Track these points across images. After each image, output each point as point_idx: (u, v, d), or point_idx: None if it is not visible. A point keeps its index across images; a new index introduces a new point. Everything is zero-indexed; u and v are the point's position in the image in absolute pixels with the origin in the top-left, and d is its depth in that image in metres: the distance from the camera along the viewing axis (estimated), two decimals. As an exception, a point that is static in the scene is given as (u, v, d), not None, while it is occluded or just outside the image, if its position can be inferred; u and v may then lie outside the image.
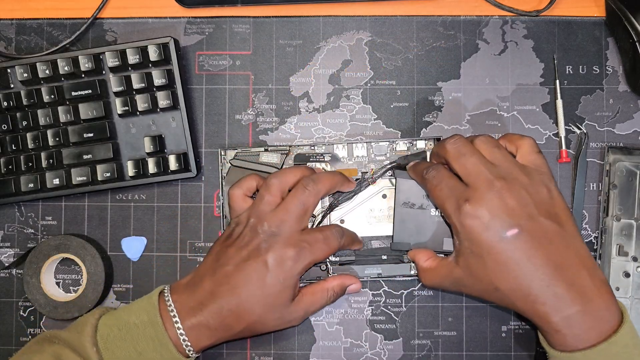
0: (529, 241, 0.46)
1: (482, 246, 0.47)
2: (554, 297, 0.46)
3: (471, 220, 0.47)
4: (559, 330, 0.46)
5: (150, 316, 0.50)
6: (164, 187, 0.62)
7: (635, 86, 0.61)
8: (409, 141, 0.60)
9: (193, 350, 0.51)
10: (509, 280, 0.47)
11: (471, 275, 0.49)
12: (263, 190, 0.54)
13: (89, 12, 0.63)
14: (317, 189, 0.53)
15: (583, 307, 0.46)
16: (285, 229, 0.52)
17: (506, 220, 0.46)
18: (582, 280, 0.46)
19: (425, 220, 0.56)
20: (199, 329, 0.50)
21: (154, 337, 0.50)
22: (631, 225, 0.59)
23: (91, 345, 0.49)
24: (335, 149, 0.60)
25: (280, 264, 0.51)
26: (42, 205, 0.62)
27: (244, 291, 0.51)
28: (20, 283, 0.62)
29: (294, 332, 0.61)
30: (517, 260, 0.46)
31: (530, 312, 0.47)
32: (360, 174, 0.60)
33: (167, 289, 0.53)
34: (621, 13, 0.59)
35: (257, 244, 0.51)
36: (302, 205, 0.53)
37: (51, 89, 0.60)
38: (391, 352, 0.61)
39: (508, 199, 0.47)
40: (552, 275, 0.46)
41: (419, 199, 0.56)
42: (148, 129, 0.61)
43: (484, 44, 0.63)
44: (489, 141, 0.51)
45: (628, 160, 0.60)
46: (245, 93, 0.63)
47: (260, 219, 0.52)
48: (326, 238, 0.53)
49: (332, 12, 0.63)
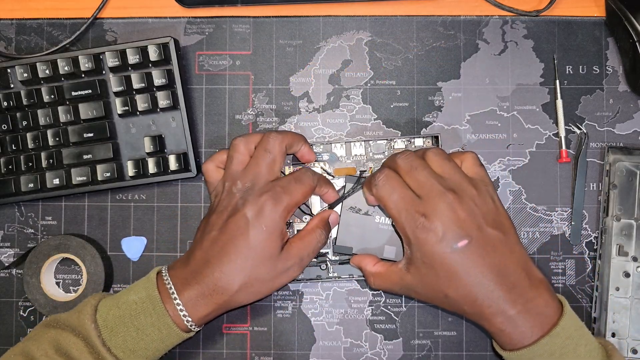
0: (476, 251, 0.49)
1: (434, 258, 0.49)
2: (497, 300, 0.49)
3: (425, 234, 0.49)
4: (504, 330, 0.49)
5: (149, 291, 0.51)
6: (164, 187, 0.62)
7: (635, 86, 0.61)
8: (407, 139, 0.60)
9: (192, 322, 0.51)
10: (459, 288, 0.49)
11: (422, 283, 0.51)
12: (231, 151, 0.55)
13: (89, 12, 0.63)
14: (280, 137, 0.54)
15: (524, 307, 0.49)
16: (258, 181, 0.53)
17: (457, 232, 0.49)
18: (522, 282, 0.50)
19: (369, 226, 0.57)
20: (196, 299, 0.51)
21: (151, 311, 0.50)
22: (631, 225, 0.59)
23: (90, 322, 0.49)
24: (334, 148, 0.60)
25: (259, 213, 0.52)
26: (42, 205, 0.63)
27: (231, 249, 0.51)
28: (20, 283, 0.62)
29: (294, 332, 0.61)
30: (466, 269, 0.49)
31: (477, 315, 0.50)
32: (358, 173, 0.60)
33: (164, 267, 0.53)
34: (621, 13, 0.59)
35: (234, 204, 0.53)
36: (270, 154, 0.54)
37: (51, 89, 0.60)
38: (391, 352, 0.61)
39: (459, 210, 0.49)
40: (495, 280, 0.49)
41: (365, 206, 0.57)
42: (148, 129, 0.61)
43: (484, 44, 0.63)
44: (439, 154, 0.52)
45: (628, 160, 0.60)
46: (245, 93, 0.63)
47: (234, 180, 0.54)
48: (297, 178, 0.54)
49: (332, 12, 0.63)
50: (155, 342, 0.51)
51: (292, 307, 0.61)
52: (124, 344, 0.50)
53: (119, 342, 0.50)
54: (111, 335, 0.50)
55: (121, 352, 0.50)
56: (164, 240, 0.62)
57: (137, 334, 0.50)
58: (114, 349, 0.49)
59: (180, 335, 0.51)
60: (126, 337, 0.50)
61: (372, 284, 0.55)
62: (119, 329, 0.50)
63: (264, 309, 0.61)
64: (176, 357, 0.61)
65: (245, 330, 0.61)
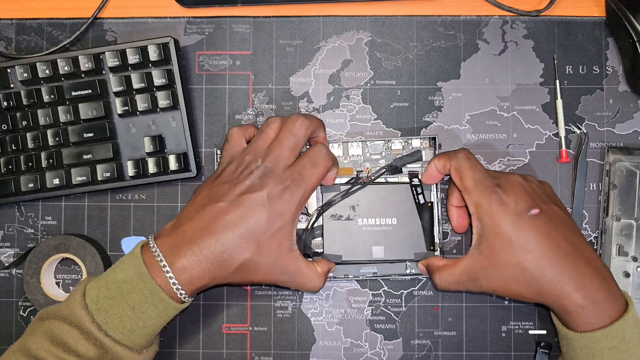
0: (548, 221, 0.51)
1: (508, 225, 0.50)
2: (576, 273, 0.49)
3: (500, 202, 0.51)
4: (584, 306, 0.49)
5: (136, 268, 0.50)
6: (164, 187, 0.62)
7: (635, 86, 0.61)
8: (404, 140, 0.60)
9: (185, 294, 0.50)
10: (537, 256, 0.50)
11: (495, 261, 0.51)
12: (264, 127, 0.55)
13: (89, 12, 0.63)
14: (307, 123, 0.54)
15: (601, 282, 0.50)
16: (279, 165, 0.52)
17: (529, 202, 0.51)
18: (595, 260, 0.51)
19: (353, 230, 0.58)
20: (190, 268, 0.50)
21: (143, 289, 0.49)
22: (631, 225, 0.59)
23: (81, 309, 0.48)
24: (331, 148, 0.60)
25: (278, 199, 0.51)
26: (42, 205, 0.63)
27: (241, 226, 0.50)
28: (20, 283, 0.62)
29: (294, 332, 0.61)
30: (543, 235, 0.50)
31: (555, 292, 0.50)
32: (355, 173, 0.60)
33: (151, 237, 0.52)
34: (621, 13, 0.59)
35: (251, 180, 0.51)
36: (295, 137, 0.53)
37: (51, 89, 0.60)
38: (391, 352, 0.61)
39: (527, 187, 0.53)
40: (571, 252, 0.50)
41: (345, 211, 0.58)
42: (148, 129, 0.61)
43: (484, 44, 0.63)
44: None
45: (628, 160, 0.60)
46: (245, 93, 0.63)
47: (255, 156, 0.53)
48: (314, 162, 0.54)
49: (332, 12, 0.63)
50: (152, 318, 0.50)
51: (292, 307, 0.61)
52: (121, 324, 0.49)
53: (116, 324, 0.49)
54: (107, 319, 0.48)
55: (119, 333, 0.49)
56: (164, 240, 0.62)
57: (133, 312, 0.49)
58: (111, 331, 0.48)
59: (176, 307, 0.50)
60: (123, 317, 0.49)
61: (438, 280, 0.54)
62: (114, 310, 0.49)
63: (264, 309, 0.61)
64: (176, 357, 0.61)
65: (245, 330, 0.61)
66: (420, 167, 0.60)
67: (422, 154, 0.59)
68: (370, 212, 0.59)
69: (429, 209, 0.58)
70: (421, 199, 0.58)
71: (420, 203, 0.58)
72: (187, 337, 0.61)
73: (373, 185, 0.59)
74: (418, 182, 0.59)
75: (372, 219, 0.58)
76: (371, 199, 0.59)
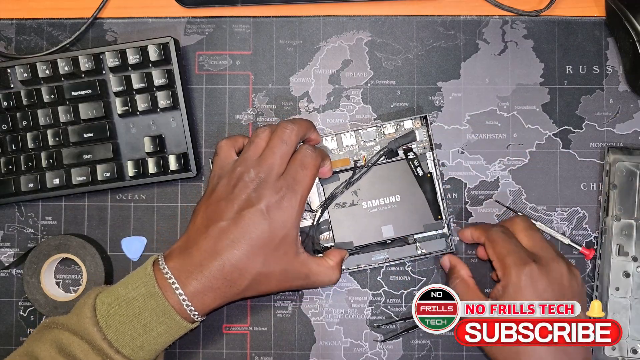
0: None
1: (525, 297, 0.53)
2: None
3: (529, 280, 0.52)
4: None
5: (149, 287, 0.50)
6: (164, 187, 0.62)
7: (635, 86, 0.61)
8: (396, 123, 0.60)
9: (197, 314, 0.51)
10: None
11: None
12: (254, 137, 0.54)
13: (89, 12, 0.63)
14: (296, 129, 0.54)
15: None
16: (272, 174, 0.52)
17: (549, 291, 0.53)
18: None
19: (359, 214, 0.58)
20: (203, 292, 0.50)
21: (155, 308, 0.49)
22: (631, 225, 0.59)
23: (92, 325, 0.49)
24: (325, 142, 0.60)
25: (277, 208, 0.51)
26: (42, 205, 0.63)
27: (246, 242, 0.50)
28: (20, 283, 0.62)
29: (294, 332, 0.61)
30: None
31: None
32: (352, 163, 0.60)
33: (160, 257, 0.52)
34: (621, 13, 0.59)
35: (247, 194, 0.51)
36: (286, 145, 0.53)
37: (51, 89, 0.60)
38: (391, 352, 0.61)
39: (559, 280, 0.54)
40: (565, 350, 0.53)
41: (348, 197, 0.58)
42: (148, 129, 0.61)
43: (484, 44, 0.63)
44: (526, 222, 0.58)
45: (628, 160, 0.60)
46: (245, 93, 0.63)
47: (247, 167, 0.53)
48: (302, 164, 0.53)
49: (332, 12, 0.63)
50: (163, 336, 0.50)
51: (292, 307, 0.61)
52: (132, 342, 0.49)
53: (127, 341, 0.49)
54: (118, 336, 0.49)
55: (130, 350, 0.49)
56: (164, 240, 0.62)
57: (144, 330, 0.49)
58: (122, 348, 0.49)
59: (187, 327, 0.51)
60: (134, 335, 0.49)
61: (455, 286, 0.56)
62: (125, 328, 0.49)
63: (264, 309, 0.61)
64: (176, 357, 0.61)
65: (245, 330, 0.61)
66: (415, 147, 0.60)
67: (416, 134, 0.60)
68: (373, 193, 0.59)
69: (429, 179, 0.59)
70: (420, 172, 0.59)
71: (420, 175, 0.59)
72: (187, 337, 0.61)
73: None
74: (414, 155, 0.59)
75: (376, 200, 0.59)
76: (371, 181, 0.59)
